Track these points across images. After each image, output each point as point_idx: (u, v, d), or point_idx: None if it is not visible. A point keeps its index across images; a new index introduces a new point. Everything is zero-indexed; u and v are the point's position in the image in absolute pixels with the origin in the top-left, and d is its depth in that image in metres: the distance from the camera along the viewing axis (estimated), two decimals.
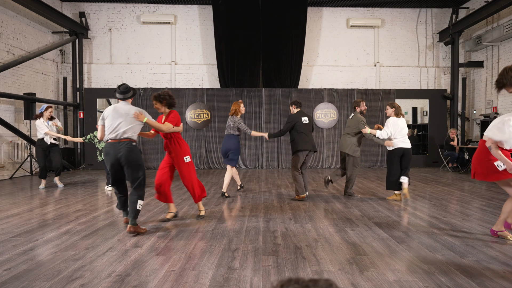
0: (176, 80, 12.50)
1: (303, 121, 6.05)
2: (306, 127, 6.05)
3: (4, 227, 4.36)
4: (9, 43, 9.71)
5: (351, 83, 12.65)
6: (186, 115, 11.90)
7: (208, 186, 7.78)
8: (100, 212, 5.16)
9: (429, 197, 6.36)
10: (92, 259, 3.21)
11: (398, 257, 3.27)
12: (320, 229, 4.22)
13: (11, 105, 9.78)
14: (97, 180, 9.00)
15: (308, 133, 6.07)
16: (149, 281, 2.73)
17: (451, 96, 12.15)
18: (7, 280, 2.76)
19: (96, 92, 12.07)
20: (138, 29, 12.44)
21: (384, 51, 12.74)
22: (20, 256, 3.30)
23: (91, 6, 12.33)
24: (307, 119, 6.11)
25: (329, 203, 5.81)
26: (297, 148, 5.97)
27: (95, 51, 12.42)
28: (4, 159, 9.59)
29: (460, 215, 4.94)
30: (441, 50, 12.79)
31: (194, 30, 12.51)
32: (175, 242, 3.73)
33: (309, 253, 3.37)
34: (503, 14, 10.55)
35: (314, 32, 12.66)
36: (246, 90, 12.00)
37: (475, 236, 3.94)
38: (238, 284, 2.69)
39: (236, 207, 5.56)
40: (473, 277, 2.81)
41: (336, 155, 12.16)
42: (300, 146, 5.95)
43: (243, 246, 3.58)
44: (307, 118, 6.14)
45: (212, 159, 11.96)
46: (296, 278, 0.81)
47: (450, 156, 10.67)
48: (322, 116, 12.05)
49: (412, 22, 12.74)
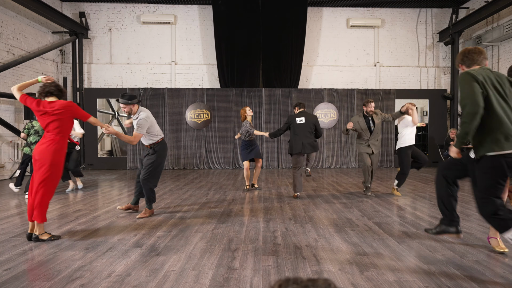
0: (176, 80, 12.50)
1: (297, 122, 6.02)
2: (300, 127, 6.01)
3: (4, 227, 4.36)
4: (9, 43, 9.72)
5: (351, 83, 12.65)
6: (186, 115, 11.90)
7: (208, 186, 7.78)
8: (100, 212, 5.16)
9: (429, 197, 6.36)
10: (92, 259, 3.20)
11: (398, 257, 3.27)
12: (320, 229, 4.22)
13: (11, 105, 9.78)
14: (97, 180, 9.00)
15: (302, 134, 5.99)
16: (149, 281, 2.73)
17: (451, 96, 12.15)
18: (7, 280, 2.76)
19: (96, 92, 12.08)
20: (138, 29, 12.44)
21: (384, 51, 12.74)
22: (20, 256, 3.30)
23: (91, 6, 12.33)
24: (303, 119, 6.04)
25: (329, 203, 5.81)
26: (288, 151, 6.26)
27: (95, 51, 12.42)
28: (4, 159, 9.59)
29: (460, 215, 4.93)
30: (441, 50, 12.79)
31: (194, 30, 12.51)
32: (175, 242, 3.73)
33: (309, 253, 3.37)
34: (503, 14, 10.55)
35: (314, 32, 12.66)
36: (246, 90, 12.00)
37: (475, 236, 3.94)
38: (238, 284, 2.69)
39: (236, 207, 5.56)
40: (473, 277, 2.81)
41: (336, 155, 12.17)
42: (290, 149, 6.17)
43: (243, 246, 3.58)
44: (304, 118, 6.06)
45: (212, 159, 11.95)
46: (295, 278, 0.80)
47: (450, 156, 10.65)
48: (322, 116, 12.04)
49: (412, 22, 12.74)
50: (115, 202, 5.96)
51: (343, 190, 7.16)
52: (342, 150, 12.21)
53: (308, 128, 6.06)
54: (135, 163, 11.85)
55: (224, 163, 11.96)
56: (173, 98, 11.92)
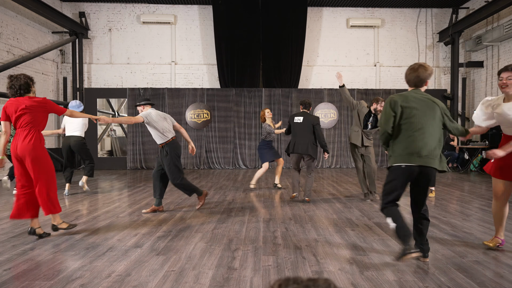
0: (176, 80, 12.50)
1: (295, 120, 5.89)
2: (298, 126, 5.85)
3: (4, 227, 4.36)
4: (9, 43, 9.72)
5: (351, 83, 12.64)
6: (186, 115, 11.90)
7: (207, 186, 7.78)
8: (100, 212, 5.16)
9: (429, 197, 6.36)
10: (92, 259, 3.21)
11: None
12: (320, 229, 4.22)
13: None
14: (97, 180, 9.00)
15: (298, 134, 5.80)
16: (149, 281, 2.73)
17: (451, 96, 12.15)
18: (7, 280, 2.76)
19: (96, 92, 12.07)
20: (138, 29, 12.43)
21: (384, 51, 12.73)
22: (20, 256, 3.30)
23: (91, 6, 12.33)
24: (301, 118, 5.86)
25: (329, 203, 5.81)
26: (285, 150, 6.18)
27: (95, 51, 12.42)
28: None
29: (460, 215, 4.94)
30: (441, 50, 12.79)
31: (194, 30, 12.51)
32: (175, 242, 3.73)
33: (309, 253, 3.37)
34: (503, 14, 10.55)
35: (314, 32, 12.65)
36: (246, 90, 12.00)
37: (475, 236, 3.94)
38: (238, 284, 2.69)
39: (236, 207, 5.56)
40: (473, 277, 2.81)
41: (336, 155, 12.17)
42: (287, 148, 6.08)
43: (243, 246, 3.58)
44: (302, 117, 5.86)
45: (212, 159, 11.95)
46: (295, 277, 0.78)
47: (450, 156, 10.67)
48: (322, 116, 12.04)
49: (412, 22, 12.74)
50: (115, 202, 5.96)
51: (343, 190, 7.16)
52: (342, 150, 12.21)
53: (306, 127, 5.80)
54: (135, 163, 11.85)
55: (224, 163, 11.96)
56: (173, 98, 11.92)
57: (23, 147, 3.69)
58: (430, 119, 2.98)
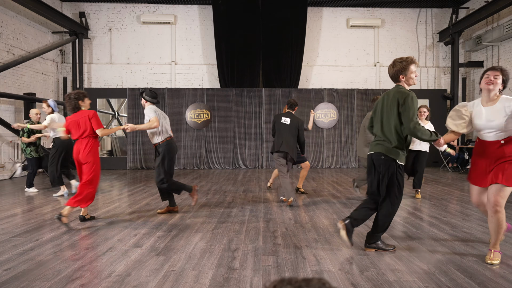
0: (176, 80, 12.50)
1: (282, 121, 5.73)
2: (284, 127, 5.69)
3: (4, 227, 4.36)
4: (9, 43, 9.71)
5: (351, 83, 12.65)
6: (186, 115, 11.90)
7: (208, 186, 7.78)
8: (100, 212, 5.16)
9: (429, 197, 6.36)
10: (92, 259, 3.21)
11: (398, 257, 3.27)
12: (320, 229, 4.22)
13: (11, 105, 9.78)
14: None
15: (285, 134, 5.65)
16: (149, 281, 2.73)
17: (451, 96, 12.15)
18: (7, 280, 2.76)
19: (96, 92, 12.07)
20: (138, 29, 12.44)
21: (384, 51, 12.73)
22: (20, 256, 3.30)
23: (91, 6, 12.33)
24: (288, 120, 5.71)
25: (329, 203, 5.81)
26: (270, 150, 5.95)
27: (95, 51, 12.42)
28: (4, 159, 9.59)
29: (460, 215, 4.94)
30: (441, 50, 12.79)
31: (194, 30, 12.51)
32: (175, 242, 3.73)
33: (309, 253, 3.37)
34: (503, 14, 10.55)
35: (314, 32, 12.65)
36: (246, 90, 12.00)
37: (475, 236, 3.94)
38: (238, 284, 2.69)
39: (236, 207, 5.56)
40: (473, 277, 2.81)
41: (336, 155, 12.16)
42: (272, 148, 5.82)
43: (243, 246, 3.58)
44: (289, 119, 5.71)
45: (212, 159, 11.95)
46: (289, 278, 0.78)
47: (450, 156, 10.67)
48: (322, 116, 12.04)
49: (412, 22, 12.74)
50: (115, 202, 5.96)
51: (343, 190, 7.16)
52: (342, 150, 12.21)
53: (292, 129, 5.68)
54: (135, 163, 11.84)
55: (224, 163, 11.96)
56: (173, 98, 11.92)
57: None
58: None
